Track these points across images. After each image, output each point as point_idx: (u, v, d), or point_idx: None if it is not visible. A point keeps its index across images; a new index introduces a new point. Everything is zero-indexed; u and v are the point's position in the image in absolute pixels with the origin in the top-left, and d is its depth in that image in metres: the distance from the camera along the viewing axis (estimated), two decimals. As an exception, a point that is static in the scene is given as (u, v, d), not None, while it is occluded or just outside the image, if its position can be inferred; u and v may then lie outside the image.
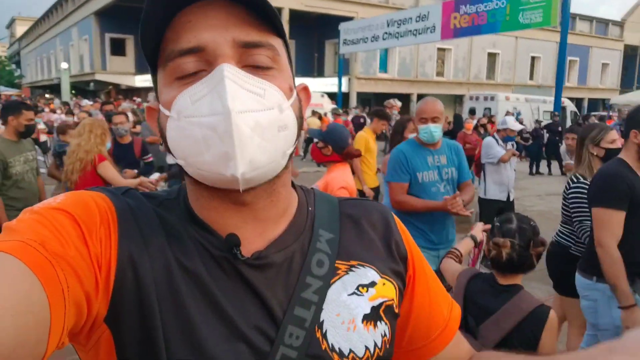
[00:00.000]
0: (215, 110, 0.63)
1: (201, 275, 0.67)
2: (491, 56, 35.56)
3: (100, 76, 35.52)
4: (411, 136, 3.73)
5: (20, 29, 68.35)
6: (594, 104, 40.21)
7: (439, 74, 34.12)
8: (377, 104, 22.54)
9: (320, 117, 15.86)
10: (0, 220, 3.76)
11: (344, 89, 25.42)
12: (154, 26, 0.64)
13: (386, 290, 0.78)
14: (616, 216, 2.57)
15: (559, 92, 13.49)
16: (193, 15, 0.65)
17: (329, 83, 28.14)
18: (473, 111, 15.04)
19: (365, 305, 0.75)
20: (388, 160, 3.61)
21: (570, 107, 22.84)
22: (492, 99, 21.24)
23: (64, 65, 30.74)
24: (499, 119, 10.98)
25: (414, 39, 17.86)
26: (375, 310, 0.76)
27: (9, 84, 48.15)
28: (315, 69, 32.90)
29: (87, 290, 0.60)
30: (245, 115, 0.63)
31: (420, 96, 32.52)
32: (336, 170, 3.18)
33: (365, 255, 0.80)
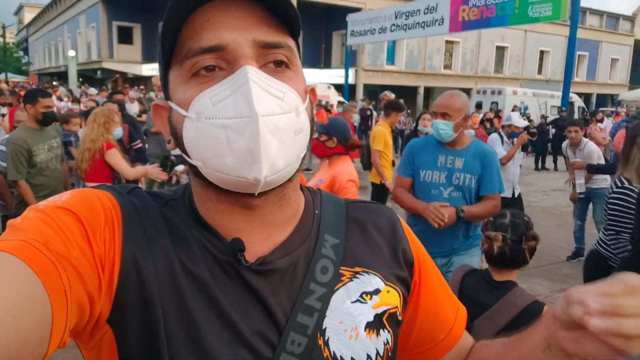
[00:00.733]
0: (241, 112, 0.62)
1: (205, 278, 0.67)
2: (500, 50, 35.25)
3: (107, 64, 35.52)
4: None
5: (28, 16, 68.37)
6: (602, 99, 39.85)
7: (447, 67, 33.87)
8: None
9: (329, 110, 15.73)
10: (30, 205, 3.87)
11: (351, 80, 25.29)
12: (175, 22, 0.64)
13: (390, 298, 0.78)
14: None
15: (567, 87, 13.37)
16: (212, 13, 0.65)
17: (335, 74, 28.02)
18: (479, 105, 14.96)
19: (368, 313, 0.75)
20: None
21: (578, 103, 22.67)
22: (500, 93, 21.10)
23: (72, 52, 30.74)
24: (506, 113, 10.92)
25: (422, 32, 17.72)
26: (378, 318, 0.76)
27: (16, 71, 48.29)
28: (322, 60, 32.74)
29: (90, 290, 0.60)
30: (268, 118, 0.62)
31: (427, 89, 32.64)
32: (341, 163, 3.18)
33: (371, 261, 0.79)
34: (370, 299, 0.76)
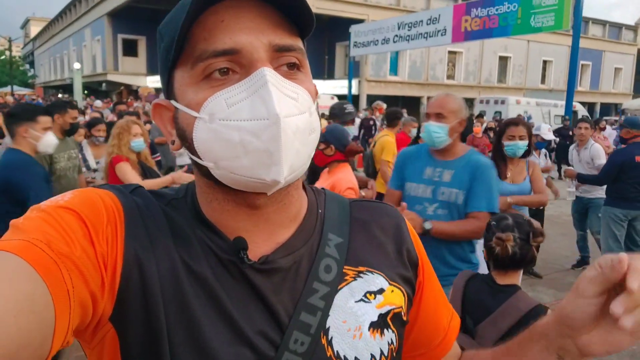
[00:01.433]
0: (259, 115, 0.62)
1: (207, 277, 0.67)
2: (502, 59, 35.32)
3: (112, 77, 35.75)
4: None
5: (34, 30, 69.00)
6: (606, 108, 39.79)
7: (450, 77, 33.93)
8: (387, 107, 22.44)
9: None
10: None
11: (354, 91, 25.37)
12: (186, 21, 0.62)
13: (394, 298, 0.77)
14: None
15: (571, 96, 13.39)
16: (226, 14, 0.64)
17: (339, 85, 28.08)
18: (481, 114, 14.95)
19: (372, 312, 0.74)
20: None
21: (582, 112, 22.63)
22: (503, 102, 21.11)
23: (77, 65, 30.91)
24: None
25: (425, 42, 17.80)
26: (382, 317, 0.75)
27: (22, 84, 48.60)
28: (325, 71, 32.86)
29: (93, 289, 0.60)
30: (288, 120, 0.63)
31: (431, 99, 32.52)
32: (340, 171, 3.16)
33: (375, 260, 0.78)
34: (374, 298, 0.75)
